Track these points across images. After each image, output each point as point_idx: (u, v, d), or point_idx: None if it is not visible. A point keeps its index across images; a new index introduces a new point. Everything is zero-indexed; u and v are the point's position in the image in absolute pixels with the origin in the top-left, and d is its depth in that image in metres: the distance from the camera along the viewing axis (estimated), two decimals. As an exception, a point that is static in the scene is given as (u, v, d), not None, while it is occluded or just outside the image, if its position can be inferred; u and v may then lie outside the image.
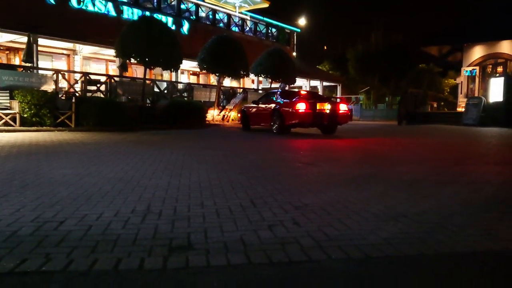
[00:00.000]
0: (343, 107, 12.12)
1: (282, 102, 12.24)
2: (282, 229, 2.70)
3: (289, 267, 2.09)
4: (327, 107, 11.61)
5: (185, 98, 18.55)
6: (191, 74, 27.14)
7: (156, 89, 18.03)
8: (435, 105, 33.53)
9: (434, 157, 7.31)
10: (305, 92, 13.85)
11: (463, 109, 22.12)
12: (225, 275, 1.97)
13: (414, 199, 3.67)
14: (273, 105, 12.50)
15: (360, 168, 5.72)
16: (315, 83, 32.71)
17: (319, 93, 18.51)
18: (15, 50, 18.55)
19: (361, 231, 2.69)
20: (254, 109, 13.91)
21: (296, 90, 17.99)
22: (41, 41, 16.41)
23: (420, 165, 6.06)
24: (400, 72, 32.43)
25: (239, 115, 15.36)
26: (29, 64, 14.89)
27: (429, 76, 34.33)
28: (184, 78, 25.63)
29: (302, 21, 36.44)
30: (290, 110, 11.64)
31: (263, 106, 13.22)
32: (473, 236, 2.63)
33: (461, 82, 32.03)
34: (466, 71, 31.22)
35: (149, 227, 2.70)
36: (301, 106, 11.36)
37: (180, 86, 20.41)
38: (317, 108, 11.46)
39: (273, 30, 30.79)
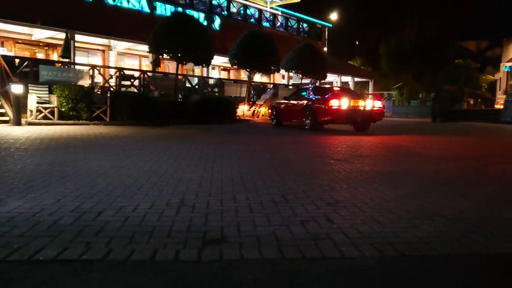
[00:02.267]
0: (377, 104, 11.88)
1: (314, 98, 12.17)
2: (314, 225, 2.70)
3: (323, 263, 2.09)
4: (361, 103, 11.47)
5: (216, 94, 18.70)
6: (221, 69, 27.32)
7: (187, 84, 18.26)
8: (471, 102, 32.43)
9: (470, 156, 7.09)
10: (338, 88, 13.63)
11: (502, 106, 21.30)
12: (259, 269, 1.99)
13: (449, 198, 3.58)
14: (305, 101, 12.44)
15: (393, 165, 5.62)
16: (346, 78, 32.25)
17: (352, 89, 18.15)
18: (53, 46, 19.18)
19: (395, 229, 2.66)
20: (285, 105, 13.83)
21: (329, 86, 17.68)
22: (78, 37, 16.88)
23: (455, 164, 5.90)
24: (434, 68, 31.53)
25: (269, 111, 15.32)
26: (67, 60, 15.37)
27: (465, 72, 33.19)
28: (215, 74, 25.83)
29: (333, 16, 35.96)
30: (323, 107, 11.54)
31: (295, 102, 13.14)
32: (510, 237, 2.55)
33: (500, 78, 30.85)
34: (506, 66, 30.01)
35: (183, 220, 2.76)
36: (335, 103, 11.26)
37: (211, 81, 20.59)
38: (351, 104, 11.32)
39: (304, 25, 30.53)
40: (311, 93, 12.73)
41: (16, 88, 10.65)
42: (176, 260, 2.08)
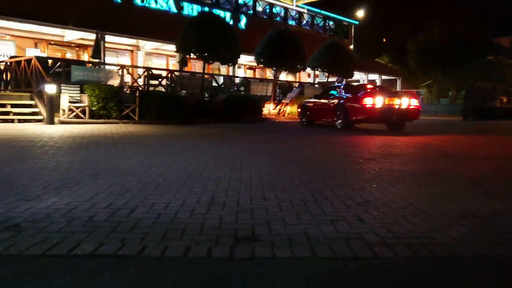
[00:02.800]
0: (413, 102, 11.32)
1: (346, 97, 11.78)
2: (345, 225, 2.68)
3: (355, 263, 2.07)
4: (396, 102, 11.00)
5: (242, 92, 18.78)
6: (247, 68, 27.39)
7: (214, 84, 18.41)
8: (505, 100, 31.42)
9: (504, 155, 6.88)
10: (372, 86, 13.01)
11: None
12: (291, 267, 2.00)
13: (483, 199, 3.48)
14: (336, 100, 12.07)
15: (424, 164, 5.51)
16: (373, 76, 31.79)
17: (386, 87, 17.43)
18: (84, 47, 19.70)
19: (428, 229, 2.60)
20: (315, 104, 13.52)
21: (362, 83, 17.21)
22: (108, 38, 17.27)
23: (489, 163, 5.73)
24: (465, 65, 30.68)
25: (299, 109, 15.16)
26: (97, 60, 15.76)
27: (498, 68, 32.17)
28: (240, 73, 25.93)
29: (360, 13, 35.50)
30: (356, 105, 11.16)
31: (326, 100, 12.77)
32: (553, 240, 2.47)
33: (535, 75, 29.73)
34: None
35: (214, 217, 2.78)
36: (368, 101, 10.86)
37: (237, 80, 20.69)
38: (386, 103, 10.89)
39: (331, 23, 30.26)
40: (343, 91, 12.33)
41: (50, 88, 11.00)
42: (208, 257, 2.10)
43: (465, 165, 5.46)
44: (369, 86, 12.88)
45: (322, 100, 13.04)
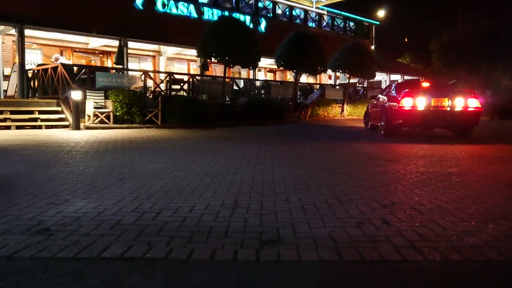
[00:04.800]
0: (471, 103, 9.05)
1: (390, 97, 10.14)
2: (371, 227, 2.64)
3: (383, 266, 2.04)
4: (446, 103, 9.01)
5: (263, 95, 18.80)
6: (268, 71, 27.41)
7: (235, 87, 18.48)
8: (533, 98, 30.45)
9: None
10: (428, 84, 10.63)
11: None
12: (318, 270, 1.98)
13: (515, 200, 3.39)
14: (384, 101, 10.52)
15: (451, 166, 5.40)
16: (396, 77, 31.33)
17: (450, 84, 14.43)
18: (107, 54, 20.09)
19: (457, 232, 2.55)
20: (373, 105, 11.99)
21: (416, 79, 14.54)
22: (130, 44, 17.58)
23: (519, 164, 5.57)
24: (492, 63, 29.92)
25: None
26: (120, 66, 16.04)
27: (526, 66, 31.25)
28: (261, 76, 25.96)
29: (381, 13, 35.07)
30: (395, 107, 9.42)
31: (380, 101, 11.07)
32: None
33: None
34: None
35: (238, 220, 2.80)
36: (407, 102, 9.07)
37: (257, 83, 20.72)
38: (431, 104, 9.01)
39: (351, 24, 29.99)
40: (394, 89, 10.52)
41: (76, 94, 11.26)
42: (235, 260, 2.11)
43: (493, 166, 5.31)
44: (424, 83, 10.62)
45: (379, 101, 11.28)
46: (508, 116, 19.84)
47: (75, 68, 13.99)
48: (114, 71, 15.46)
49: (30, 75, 14.99)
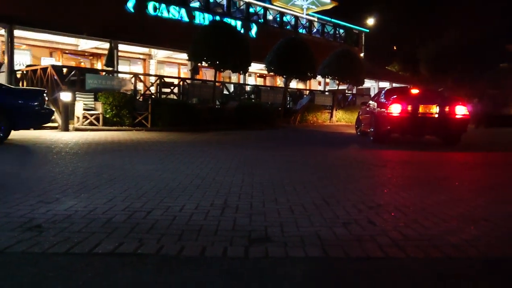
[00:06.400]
0: (459, 110, 9.04)
1: (380, 103, 10.13)
2: (357, 227, 2.72)
3: (367, 263, 2.12)
4: (434, 110, 9.00)
5: (253, 100, 18.89)
6: (258, 76, 27.54)
7: (225, 91, 18.55)
8: (517, 107, 31.06)
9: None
10: (418, 90, 10.53)
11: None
12: (304, 266, 2.05)
13: (495, 203, 3.50)
14: (374, 107, 10.48)
15: (436, 172, 5.53)
16: (384, 84, 31.71)
17: (440, 91, 14.06)
18: (98, 56, 20.02)
19: (440, 232, 2.64)
20: (363, 112, 11.97)
21: (406, 87, 14.13)
22: (121, 46, 17.55)
23: (501, 169, 5.72)
24: (477, 72, 30.51)
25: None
26: (110, 68, 16.01)
27: (511, 75, 31.89)
28: (251, 81, 26.07)
29: (370, 21, 35.55)
30: (383, 113, 9.36)
31: (370, 108, 11.03)
32: None
33: (549, 82, 29.38)
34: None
35: (228, 220, 2.85)
36: (395, 108, 9.02)
37: (247, 88, 20.81)
38: (420, 111, 9.00)
39: (341, 31, 30.33)
40: (382, 96, 10.49)
41: (65, 96, 11.21)
42: (224, 256, 2.17)
43: (475, 171, 5.46)
44: (413, 90, 10.56)
45: (369, 107, 11.23)
46: (493, 124, 20.22)
47: (64, 70, 13.92)
48: (104, 73, 15.42)
49: (19, 75, 14.88)
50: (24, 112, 7.99)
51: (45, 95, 8.71)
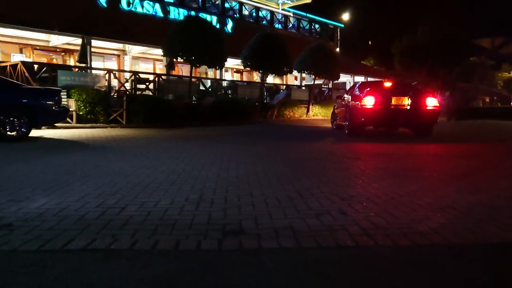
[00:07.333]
0: (430, 102, 9.24)
1: (353, 96, 10.22)
2: (329, 218, 2.79)
3: (338, 251, 2.18)
4: (406, 102, 9.15)
5: (229, 96, 18.87)
6: (234, 71, 27.49)
7: (201, 87, 18.45)
8: (487, 100, 32.02)
9: (485, 152, 7.08)
10: (390, 83, 10.54)
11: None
12: (277, 257, 2.10)
13: (463, 192, 3.63)
14: (348, 100, 10.54)
15: (407, 162, 5.67)
16: (360, 78, 32.15)
17: (413, 84, 14.22)
18: (70, 52, 19.57)
19: (408, 221, 2.73)
20: (338, 105, 11.94)
21: (379, 80, 14.33)
22: (94, 42, 17.21)
23: (470, 160, 5.91)
24: (449, 66, 31.28)
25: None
26: (83, 65, 15.69)
27: (480, 69, 32.83)
28: (228, 76, 26.01)
29: (345, 16, 35.92)
30: (357, 106, 9.47)
31: (345, 101, 11.04)
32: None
33: (516, 75, 30.40)
34: (522, 63, 29.60)
35: (203, 214, 2.87)
36: (368, 101, 9.15)
37: (224, 83, 20.76)
38: (392, 103, 9.15)
39: (316, 26, 30.53)
40: (357, 89, 10.56)
41: (36, 93, 10.93)
42: (198, 249, 2.19)
43: (445, 162, 5.62)
44: (386, 83, 10.52)
45: (344, 101, 11.28)
46: (464, 117, 20.80)
47: (35, 66, 13.57)
48: (77, 69, 15.11)
49: (-13, 72, 14.42)
50: (43, 110, 8.28)
51: (61, 94, 9.05)
